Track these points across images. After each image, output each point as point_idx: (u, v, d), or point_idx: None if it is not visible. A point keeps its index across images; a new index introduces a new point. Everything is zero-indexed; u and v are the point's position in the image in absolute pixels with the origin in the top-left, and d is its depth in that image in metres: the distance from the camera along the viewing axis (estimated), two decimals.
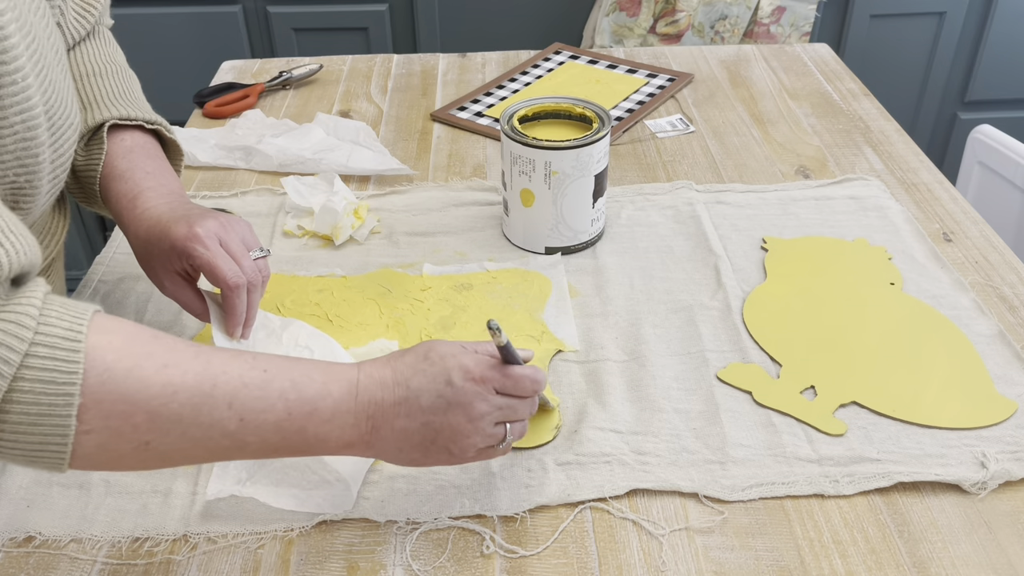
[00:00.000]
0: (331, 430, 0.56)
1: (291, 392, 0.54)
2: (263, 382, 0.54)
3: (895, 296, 0.87)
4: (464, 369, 0.58)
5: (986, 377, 0.77)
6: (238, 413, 0.52)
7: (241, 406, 0.53)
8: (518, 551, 0.63)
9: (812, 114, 1.22)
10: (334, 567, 0.62)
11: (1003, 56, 2.00)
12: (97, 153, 0.76)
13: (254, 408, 0.53)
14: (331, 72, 1.36)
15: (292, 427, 0.54)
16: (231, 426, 0.53)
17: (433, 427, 0.58)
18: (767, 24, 1.79)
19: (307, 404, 0.55)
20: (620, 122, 1.19)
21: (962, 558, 0.62)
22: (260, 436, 0.54)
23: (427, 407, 0.58)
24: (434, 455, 0.59)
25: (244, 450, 0.54)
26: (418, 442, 0.58)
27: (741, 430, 0.72)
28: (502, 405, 0.60)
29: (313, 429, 0.55)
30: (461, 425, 0.58)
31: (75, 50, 0.82)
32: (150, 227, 0.72)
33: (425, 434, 0.58)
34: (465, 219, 1.00)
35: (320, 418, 0.55)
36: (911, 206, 1.02)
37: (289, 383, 0.54)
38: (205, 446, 0.53)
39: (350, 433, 0.57)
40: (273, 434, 0.54)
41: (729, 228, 0.98)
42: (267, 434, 0.54)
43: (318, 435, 0.56)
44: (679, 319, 0.84)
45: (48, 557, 0.63)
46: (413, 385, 0.58)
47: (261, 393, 0.53)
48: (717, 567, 0.62)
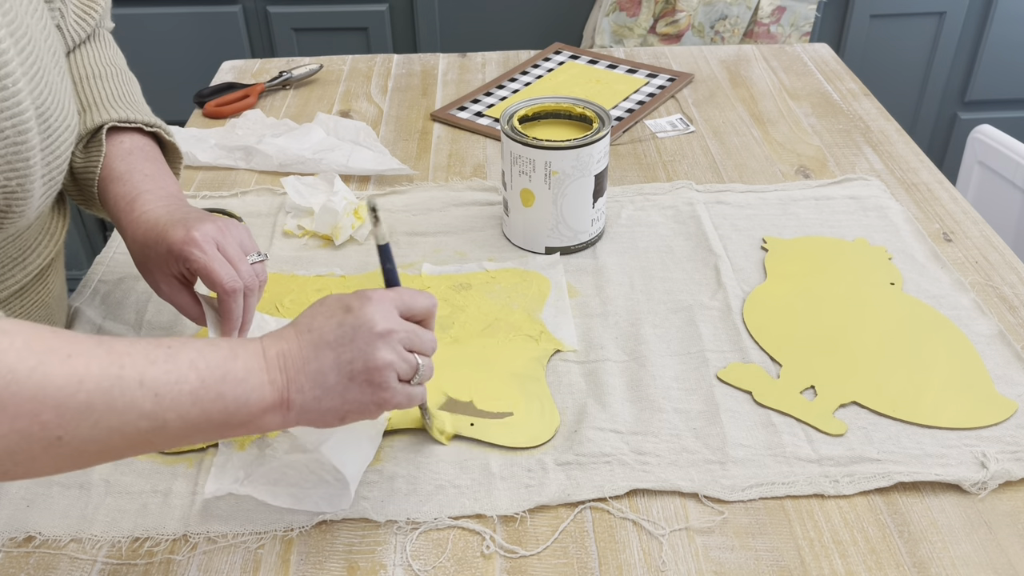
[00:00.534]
0: (249, 391, 0.55)
1: (199, 360, 0.53)
2: (169, 356, 0.52)
3: (895, 296, 0.87)
4: (360, 295, 0.59)
5: (986, 377, 0.77)
6: (151, 389, 0.51)
7: (153, 382, 0.51)
8: (518, 551, 0.63)
9: (812, 114, 1.22)
10: (334, 567, 0.62)
11: (1003, 56, 2.00)
12: (95, 155, 0.76)
13: (167, 381, 0.51)
14: (331, 72, 1.36)
15: (208, 395, 0.53)
16: (147, 405, 0.51)
17: (345, 359, 0.57)
18: (767, 24, 1.79)
19: (218, 368, 0.54)
20: (620, 122, 1.19)
21: (962, 558, 0.62)
22: (178, 411, 0.52)
23: (333, 340, 0.57)
24: (356, 393, 0.58)
25: (165, 431, 0.52)
26: (335, 382, 0.57)
27: (741, 430, 0.72)
28: (406, 328, 0.59)
29: (231, 393, 0.54)
30: (372, 346, 0.57)
31: (75, 53, 0.82)
32: (147, 230, 0.71)
33: (340, 370, 0.57)
34: (465, 219, 1.00)
35: (234, 379, 0.54)
36: (911, 206, 1.02)
37: (195, 352, 0.53)
38: (122, 432, 0.51)
39: (268, 392, 0.55)
40: (191, 406, 0.52)
41: (729, 228, 0.98)
42: (185, 407, 0.52)
43: (237, 399, 0.54)
44: (679, 319, 0.84)
45: (48, 557, 0.63)
46: (315, 326, 0.57)
47: (170, 366, 0.52)
48: (717, 567, 0.62)
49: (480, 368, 0.78)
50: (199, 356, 0.53)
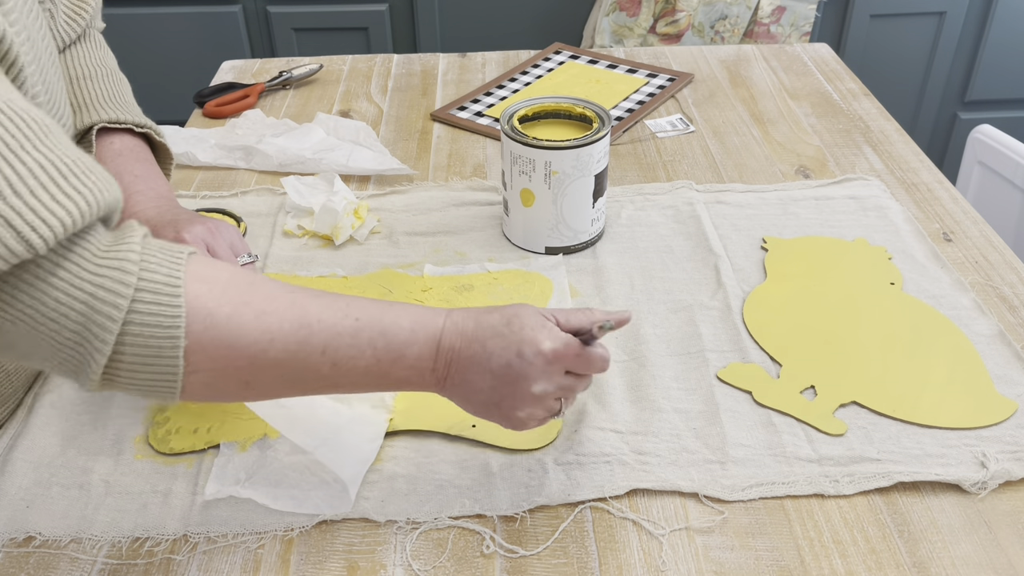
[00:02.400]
0: (412, 375, 0.59)
1: (379, 340, 0.57)
2: (355, 331, 0.56)
3: (895, 296, 0.87)
4: (536, 344, 0.59)
5: (986, 377, 0.77)
6: (331, 359, 0.56)
7: (334, 353, 0.56)
8: (518, 551, 0.63)
9: (812, 114, 1.22)
10: (334, 567, 0.62)
11: (1003, 56, 2.00)
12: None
13: (346, 355, 0.56)
14: (331, 72, 1.36)
15: (379, 371, 0.58)
16: (324, 370, 0.56)
17: (499, 392, 0.60)
18: (767, 24, 1.79)
19: (394, 351, 0.58)
20: (620, 122, 1.19)
21: (962, 558, 0.62)
22: (350, 379, 0.57)
23: (496, 372, 0.59)
24: (495, 415, 0.61)
25: (333, 388, 0.58)
26: (483, 400, 0.61)
27: (741, 430, 0.72)
28: (564, 385, 0.61)
29: (397, 374, 0.58)
30: (523, 398, 0.60)
31: (66, 53, 0.82)
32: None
33: (491, 395, 0.60)
34: (465, 219, 1.00)
35: (405, 364, 0.58)
36: (911, 206, 1.02)
37: (379, 332, 0.57)
38: (302, 386, 0.57)
39: (428, 378, 0.60)
40: (362, 376, 0.58)
41: (729, 228, 0.98)
42: (356, 377, 0.57)
43: (400, 378, 0.59)
44: (679, 319, 0.84)
45: (48, 557, 0.63)
46: (488, 347, 0.59)
47: (352, 341, 0.56)
48: (717, 567, 0.62)
49: None
50: (380, 336, 0.57)
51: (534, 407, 0.61)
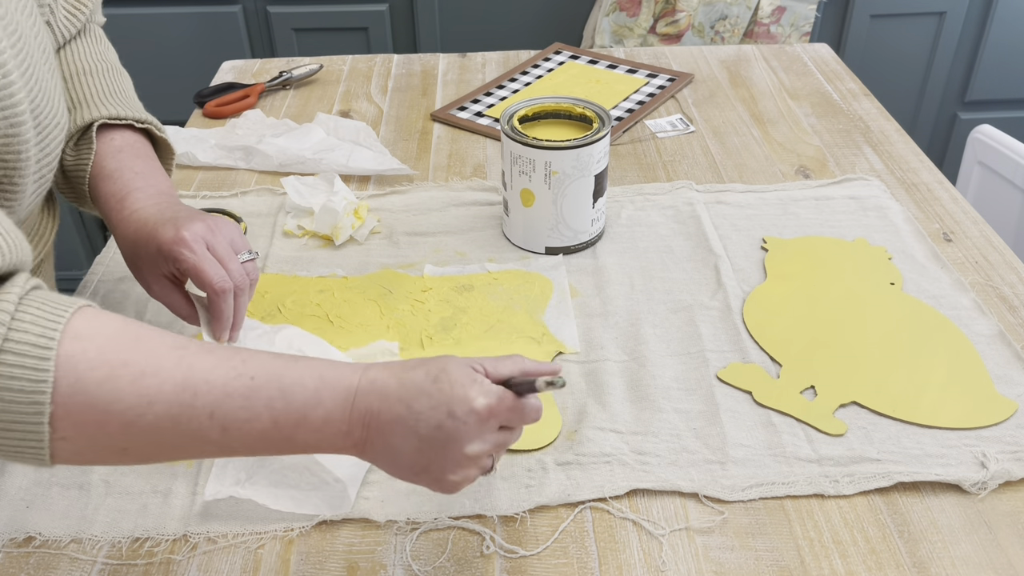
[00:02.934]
0: (321, 439, 0.54)
1: (278, 401, 0.52)
2: (248, 391, 0.51)
3: (895, 296, 0.87)
4: (468, 402, 0.54)
5: (986, 377, 0.77)
6: (220, 423, 0.51)
7: (224, 416, 0.51)
8: (518, 551, 0.63)
9: (812, 114, 1.22)
10: (334, 567, 0.62)
11: (1003, 56, 2.00)
12: (86, 153, 0.75)
13: (238, 418, 0.51)
14: (331, 72, 1.36)
15: (279, 436, 0.52)
16: (213, 435, 0.51)
17: (426, 456, 0.55)
18: (767, 24, 1.79)
19: (295, 413, 0.52)
20: (620, 122, 1.19)
21: (962, 558, 0.62)
22: (245, 444, 0.52)
23: (424, 436, 0.54)
24: (424, 479, 0.56)
25: (231, 453, 0.53)
26: (408, 464, 0.55)
27: (741, 430, 0.72)
28: (498, 441, 0.57)
29: (302, 438, 0.53)
30: (456, 460, 0.55)
31: (65, 49, 0.81)
32: (138, 228, 0.71)
33: (417, 460, 0.55)
34: (465, 219, 1.00)
35: (309, 427, 0.53)
36: (911, 206, 1.02)
37: (277, 392, 0.52)
38: (187, 451, 0.52)
39: (341, 441, 0.54)
40: (258, 442, 0.52)
41: (729, 228, 0.98)
42: (252, 442, 0.52)
43: (307, 443, 0.54)
44: (679, 319, 0.84)
45: (48, 557, 0.63)
46: (415, 407, 0.54)
47: (246, 403, 0.51)
48: (717, 567, 0.62)
49: None
50: (280, 396, 0.52)
51: (468, 468, 0.56)
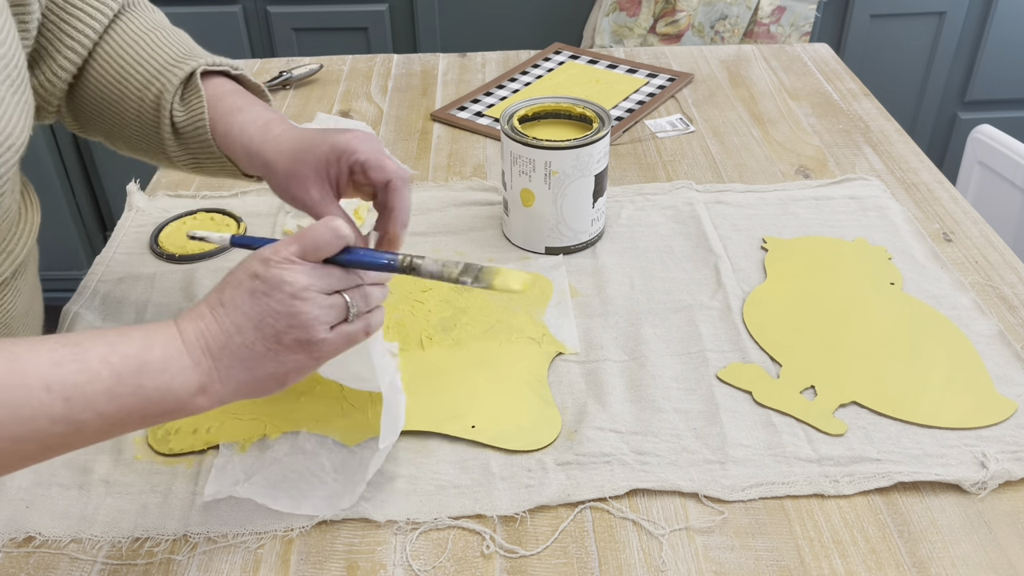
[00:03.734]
0: (171, 379, 0.53)
1: (111, 355, 0.51)
2: (76, 355, 0.50)
3: (895, 296, 0.87)
4: (261, 258, 0.56)
5: (986, 377, 0.77)
6: (60, 394, 0.49)
7: (61, 385, 0.49)
8: (518, 551, 0.63)
9: (812, 114, 1.22)
10: (334, 567, 0.62)
11: (1003, 56, 2.00)
12: (197, 102, 0.73)
13: (76, 383, 0.49)
14: (331, 72, 1.36)
15: (126, 389, 0.51)
16: (56, 410, 0.49)
17: (268, 324, 0.54)
18: (767, 24, 1.79)
19: (133, 360, 0.51)
20: (620, 122, 1.19)
21: (962, 558, 0.62)
22: (94, 410, 0.50)
23: (250, 311, 0.54)
24: (289, 356, 0.55)
25: (83, 431, 0.50)
26: (264, 350, 0.55)
27: (741, 430, 0.72)
28: (320, 273, 0.56)
29: (151, 383, 0.52)
30: (291, 305, 0.54)
31: (112, 31, 0.76)
32: (299, 140, 0.69)
33: (265, 335, 0.54)
34: (465, 219, 1.00)
35: (153, 369, 0.52)
36: (911, 206, 1.02)
37: (107, 347, 0.51)
38: (35, 439, 0.49)
39: (194, 376, 0.53)
40: (107, 403, 0.50)
41: (729, 228, 0.98)
42: (101, 406, 0.50)
43: (159, 388, 0.52)
44: (679, 319, 0.84)
45: (48, 557, 0.63)
46: (227, 299, 0.55)
47: (79, 366, 0.49)
48: (717, 567, 0.62)
49: (482, 371, 0.78)
50: (111, 351, 0.51)
51: (309, 307, 0.55)
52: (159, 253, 0.95)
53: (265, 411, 0.74)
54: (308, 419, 0.73)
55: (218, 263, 0.93)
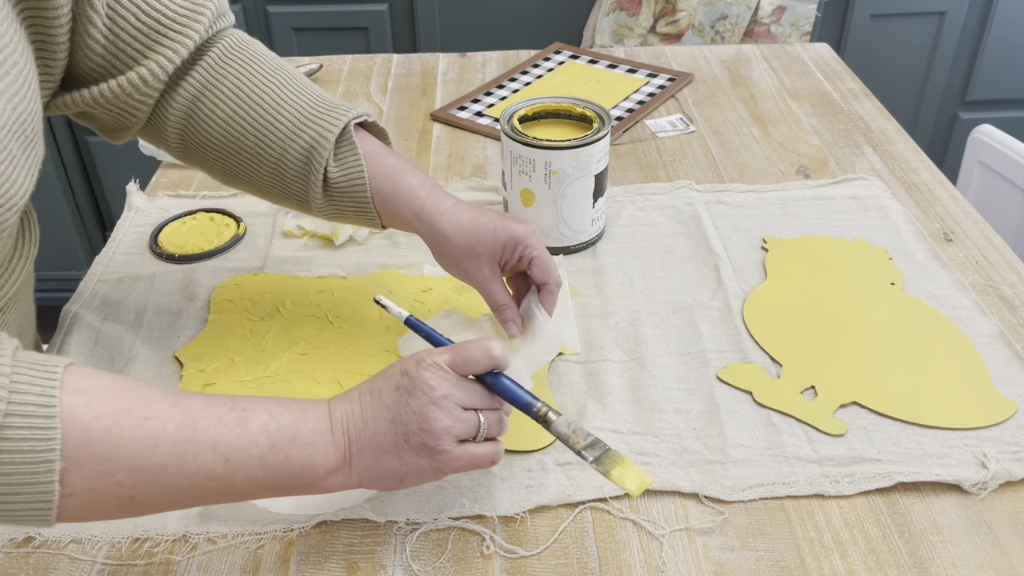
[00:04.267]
0: (315, 453, 0.56)
1: (271, 423, 0.55)
2: (242, 419, 0.54)
3: (895, 296, 0.87)
4: (416, 359, 0.59)
5: (986, 377, 0.77)
6: (222, 454, 0.53)
7: (225, 446, 0.53)
8: (518, 551, 0.63)
9: (812, 114, 1.22)
10: (334, 567, 0.62)
11: (1003, 56, 2.00)
12: (354, 160, 0.73)
13: (237, 446, 0.53)
14: (331, 72, 1.36)
15: (277, 458, 0.55)
16: (217, 469, 0.53)
17: (401, 420, 0.57)
18: (767, 24, 1.79)
19: (287, 431, 0.55)
20: (620, 122, 1.19)
21: (962, 558, 0.62)
22: (246, 474, 0.54)
23: (390, 403, 0.58)
24: (413, 458, 0.58)
25: (232, 491, 0.54)
26: (392, 444, 0.57)
27: (741, 430, 0.72)
28: (464, 387, 0.59)
29: (298, 455, 0.55)
30: (426, 409, 0.57)
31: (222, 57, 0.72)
32: (477, 219, 0.73)
33: (396, 431, 0.57)
34: None
35: (303, 442, 0.56)
36: (911, 206, 1.02)
37: (267, 415, 0.55)
38: (192, 492, 0.53)
39: (332, 455, 0.57)
40: (259, 469, 0.54)
41: (729, 228, 0.98)
42: (253, 470, 0.54)
43: (303, 461, 0.56)
44: (679, 319, 0.84)
45: (48, 557, 0.63)
46: (375, 388, 0.59)
47: (241, 431, 0.54)
48: (717, 567, 0.62)
49: None
50: (271, 419, 0.55)
51: (443, 416, 0.57)
52: (159, 253, 0.95)
53: None
54: None
55: (218, 263, 0.93)
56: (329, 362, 0.79)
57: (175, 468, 0.51)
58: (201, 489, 0.53)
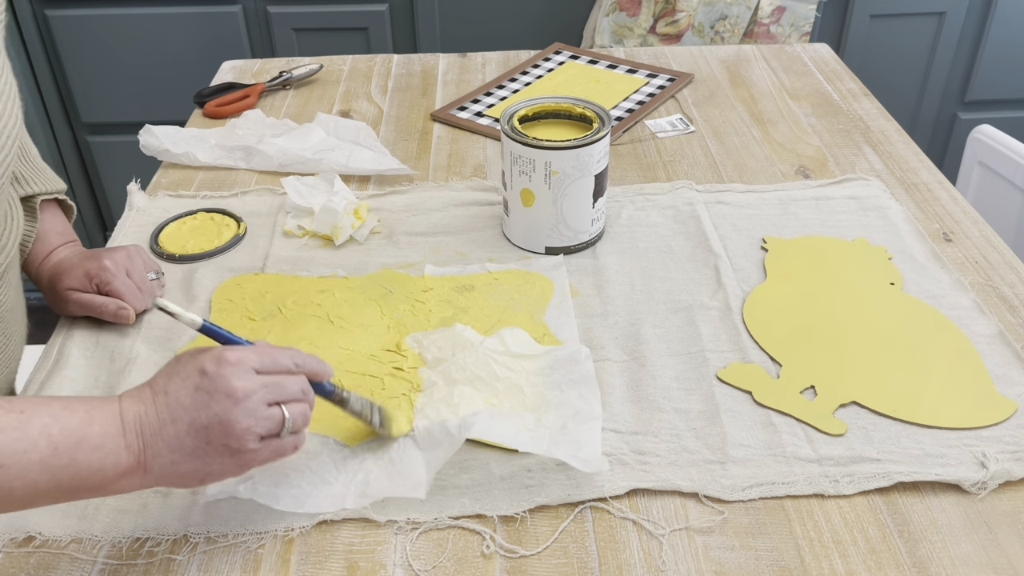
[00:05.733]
0: (104, 457, 0.54)
1: (53, 426, 0.52)
2: (20, 422, 0.52)
3: (895, 296, 0.87)
4: (215, 357, 0.57)
5: (986, 377, 0.77)
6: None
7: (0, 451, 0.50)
8: (518, 551, 0.63)
9: (812, 114, 1.22)
10: (334, 567, 0.62)
11: (1003, 56, 2.00)
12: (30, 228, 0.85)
13: (14, 451, 0.51)
14: (331, 72, 1.36)
15: (60, 462, 0.52)
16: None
17: (201, 424, 0.55)
18: (767, 24, 1.79)
19: (72, 435, 0.53)
20: (620, 122, 1.19)
21: (962, 558, 0.62)
22: (25, 479, 0.51)
23: (189, 405, 0.56)
24: (215, 459, 0.56)
25: (9, 498, 0.52)
26: (192, 448, 0.56)
27: (741, 430, 0.72)
28: (267, 383, 0.58)
29: (84, 460, 0.53)
30: (228, 411, 0.55)
31: None
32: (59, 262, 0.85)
33: (196, 435, 0.56)
34: (465, 219, 1.00)
35: (90, 445, 0.53)
36: (911, 206, 1.02)
37: (49, 418, 0.53)
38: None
39: (124, 457, 0.55)
40: (40, 474, 0.52)
41: (729, 228, 0.98)
42: (33, 476, 0.52)
43: (91, 465, 0.54)
44: (679, 319, 0.84)
45: (49, 557, 0.63)
46: (171, 389, 0.56)
47: (20, 435, 0.51)
48: (717, 567, 0.62)
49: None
50: (53, 422, 0.53)
51: (245, 418, 0.56)
52: (159, 253, 0.95)
53: None
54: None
55: (219, 263, 0.93)
56: (330, 362, 0.79)
57: None
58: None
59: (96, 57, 1.94)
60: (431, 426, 0.70)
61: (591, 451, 0.68)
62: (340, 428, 0.72)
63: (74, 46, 1.92)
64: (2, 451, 0.50)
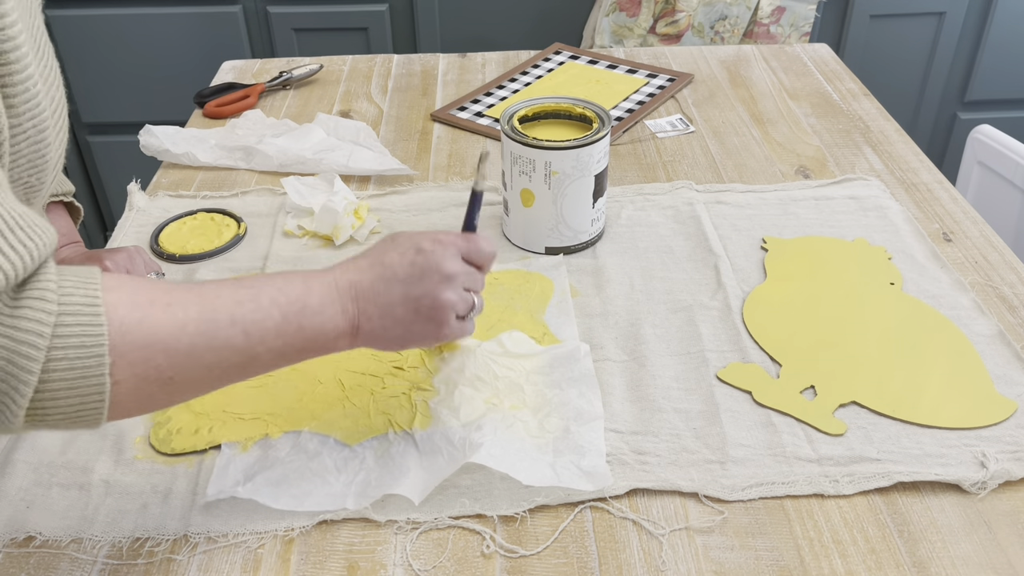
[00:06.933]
0: (324, 321, 0.60)
1: (279, 296, 0.59)
2: (253, 295, 0.58)
3: (895, 296, 0.87)
4: (430, 236, 0.65)
5: (986, 377, 0.77)
6: (241, 328, 0.57)
7: (242, 320, 0.57)
8: (518, 551, 0.63)
9: (812, 114, 1.22)
10: (334, 567, 0.62)
11: (1003, 56, 2.00)
12: None
13: (253, 319, 0.57)
14: (331, 72, 1.36)
15: (290, 328, 0.59)
16: (239, 341, 0.57)
17: (413, 296, 0.63)
18: (767, 24, 1.79)
19: (297, 303, 0.59)
20: (620, 122, 1.19)
21: (962, 558, 0.62)
22: (266, 344, 0.58)
23: (403, 277, 0.63)
24: (419, 326, 0.64)
25: (257, 361, 0.58)
26: (401, 315, 0.63)
27: (741, 430, 0.72)
28: (467, 271, 0.66)
29: (309, 324, 0.60)
30: (438, 288, 0.63)
31: None
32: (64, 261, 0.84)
33: (407, 305, 0.63)
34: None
35: (311, 311, 0.60)
36: (911, 206, 1.02)
37: (275, 290, 0.59)
38: (222, 367, 0.57)
39: (341, 321, 0.61)
40: (276, 339, 0.58)
41: (729, 228, 0.98)
42: (271, 340, 0.58)
43: (314, 328, 0.60)
44: (679, 319, 0.85)
45: (48, 557, 0.63)
46: (387, 260, 0.63)
47: (255, 305, 0.58)
48: (717, 567, 0.62)
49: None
50: (279, 293, 0.59)
51: (451, 294, 0.64)
52: (159, 253, 0.95)
53: (267, 411, 0.74)
54: (310, 419, 0.73)
55: (219, 263, 0.93)
56: (331, 361, 0.79)
57: (203, 346, 0.55)
58: (228, 363, 0.57)
59: (96, 57, 1.94)
60: (431, 431, 0.70)
61: (594, 458, 0.68)
62: (340, 428, 0.72)
63: (74, 46, 1.92)
64: (245, 320, 0.57)
